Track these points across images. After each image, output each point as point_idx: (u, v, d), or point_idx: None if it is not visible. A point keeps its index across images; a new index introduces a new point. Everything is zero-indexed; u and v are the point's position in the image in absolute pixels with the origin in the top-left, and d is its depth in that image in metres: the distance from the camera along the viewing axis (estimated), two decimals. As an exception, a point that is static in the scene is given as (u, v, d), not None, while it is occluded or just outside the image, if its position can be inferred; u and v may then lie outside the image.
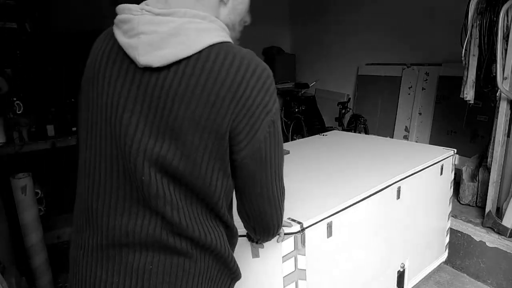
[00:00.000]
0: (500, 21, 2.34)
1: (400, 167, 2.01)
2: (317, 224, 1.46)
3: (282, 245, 1.36)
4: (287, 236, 1.36)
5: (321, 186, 1.80)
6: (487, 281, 2.55)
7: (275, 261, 1.38)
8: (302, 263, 1.41)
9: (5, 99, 3.10)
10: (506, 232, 2.44)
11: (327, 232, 1.51)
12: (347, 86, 5.25)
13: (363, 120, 4.39)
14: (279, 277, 1.40)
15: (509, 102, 2.46)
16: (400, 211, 1.97)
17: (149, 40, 0.72)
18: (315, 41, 5.86)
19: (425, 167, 2.07)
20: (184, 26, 0.72)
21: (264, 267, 1.40)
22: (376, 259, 1.89)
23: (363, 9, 4.84)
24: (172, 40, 0.72)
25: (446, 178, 2.33)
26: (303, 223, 1.38)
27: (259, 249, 1.36)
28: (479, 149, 3.15)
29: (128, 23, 0.75)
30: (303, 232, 1.38)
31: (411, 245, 2.14)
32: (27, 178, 2.38)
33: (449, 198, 2.41)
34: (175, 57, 0.72)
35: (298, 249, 1.39)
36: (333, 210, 1.53)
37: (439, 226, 2.40)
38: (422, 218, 2.19)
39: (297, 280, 1.42)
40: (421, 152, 2.34)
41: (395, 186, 1.88)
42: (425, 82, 4.07)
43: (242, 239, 1.31)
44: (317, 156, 2.36)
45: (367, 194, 1.70)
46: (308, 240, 1.41)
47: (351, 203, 1.62)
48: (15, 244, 2.70)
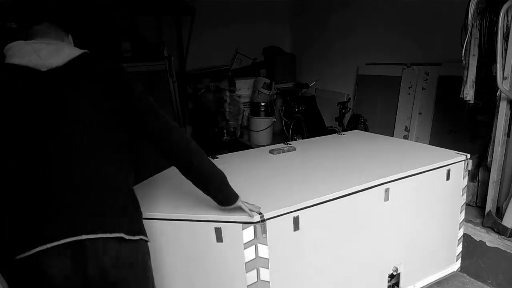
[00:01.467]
0: (500, 21, 2.34)
1: (393, 168, 1.96)
2: (281, 217, 1.54)
3: (243, 232, 1.47)
4: (247, 225, 1.46)
5: (298, 181, 1.88)
6: (487, 281, 2.55)
7: (237, 247, 1.50)
8: (264, 252, 1.51)
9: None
10: (506, 232, 2.44)
11: (293, 226, 1.58)
12: (347, 86, 5.25)
13: (363, 120, 4.39)
14: (241, 263, 1.51)
15: (509, 102, 2.46)
16: (389, 213, 1.93)
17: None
18: (315, 41, 5.85)
19: (423, 170, 2.00)
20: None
21: (228, 252, 1.52)
22: (358, 258, 1.87)
23: (363, 8, 4.84)
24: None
25: (456, 184, 2.20)
26: (264, 214, 1.49)
27: (222, 235, 1.50)
28: (479, 149, 3.15)
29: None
30: (264, 222, 1.48)
31: (406, 249, 2.07)
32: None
33: (460, 206, 2.27)
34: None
35: (258, 238, 1.49)
36: (301, 205, 1.59)
37: (447, 233, 2.27)
38: (421, 224, 2.11)
39: (259, 267, 1.51)
40: (425, 155, 2.27)
41: (382, 187, 1.85)
42: (425, 82, 4.06)
43: (207, 224, 1.50)
44: (316, 154, 2.38)
45: (343, 193, 1.72)
46: (271, 231, 1.51)
47: (323, 200, 1.65)
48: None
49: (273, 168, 2.13)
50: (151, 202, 1.65)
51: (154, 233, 1.51)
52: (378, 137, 2.86)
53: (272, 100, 5.50)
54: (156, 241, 1.53)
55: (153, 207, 1.61)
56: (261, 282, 1.53)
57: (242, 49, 6.01)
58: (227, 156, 2.39)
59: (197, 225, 1.53)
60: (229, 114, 5.31)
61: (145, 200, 1.62)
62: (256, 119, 5.43)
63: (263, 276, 1.53)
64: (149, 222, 1.47)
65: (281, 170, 2.10)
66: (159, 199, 1.71)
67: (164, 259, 1.60)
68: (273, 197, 1.69)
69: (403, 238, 2.04)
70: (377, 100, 4.70)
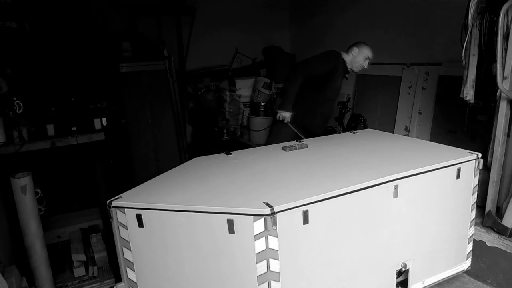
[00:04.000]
0: (500, 21, 2.34)
1: (403, 166, 1.99)
2: (291, 210, 1.59)
3: (254, 225, 1.53)
4: (258, 217, 1.52)
5: (308, 177, 1.92)
6: (487, 280, 2.55)
7: (248, 238, 1.55)
8: (274, 244, 1.56)
9: (5, 99, 3.11)
10: (506, 232, 2.44)
11: (303, 219, 1.62)
12: (347, 85, 5.24)
13: (363, 120, 4.39)
14: (252, 253, 1.56)
15: (509, 102, 2.46)
16: (398, 209, 1.95)
17: None
18: (315, 41, 5.85)
19: (432, 168, 2.01)
20: None
21: (239, 243, 1.58)
22: (367, 253, 1.89)
23: (363, 8, 4.84)
24: None
25: (466, 183, 2.19)
26: (274, 208, 1.53)
27: (234, 226, 1.56)
28: (479, 149, 3.14)
29: None
30: (274, 215, 1.53)
31: (415, 246, 2.09)
32: (27, 177, 2.38)
33: (471, 205, 2.26)
34: None
35: (268, 230, 1.54)
36: (310, 199, 1.63)
37: (457, 232, 2.26)
38: (431, 221, 2.11)
39: (269, 258, 1.56)
40: (436, 153, 2.27)
41: (391, 184, 1.86)
42: (425, 82, 4.06)
43: (219, 216, 1.56)
44: (327, 151, 2.41)
45: (351, 189, 1.74)
46: (281, 224, 1.55)
47: (331, 195, 1.69)
48: (15, 244, 2.70)
49: (285, 164, 2.18)
50: (165, 195, 1.74)
51: (168, 224, 1.63)
52: (391, 136, 2.88)
53: (272, 99, 5.50)
54: (171, 231, 1.63)
55: (167, 199, 1.69)
56: (270, 273, 1.58)
57: (242, 49, 6.01)
58: (241, 152, 2.46)
59: (210, 217, 1.59)
60: (229, 113, 5.31)
61: (159, 192, 1.78)
62: (256, 118, 5.43)
63: (273, 267, 1.58)
64: (164, 213, 1.61)
65: (292, 166, 2.14)
66: (173, 191, 1.79)
67: (179, 249, 1.68)
68: (283, 191, 1.73)
69: (412, 234, 2.06)
70: (377, 100, 4.70)
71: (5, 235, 2.66)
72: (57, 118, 3.44)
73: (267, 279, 1.58)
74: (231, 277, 1.64)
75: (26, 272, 2.47)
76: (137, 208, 1.68)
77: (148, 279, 1.77)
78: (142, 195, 1.79)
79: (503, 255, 2.43)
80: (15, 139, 3.14)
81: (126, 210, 1.69)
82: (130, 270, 1.79)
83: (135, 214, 1.68)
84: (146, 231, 1.69)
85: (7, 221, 2.73)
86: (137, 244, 1.73)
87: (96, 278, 2.80)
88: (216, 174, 2.03)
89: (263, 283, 1.58)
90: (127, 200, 1.74)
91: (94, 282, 2.76)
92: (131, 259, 1.77)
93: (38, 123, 3.33)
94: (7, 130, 3.09)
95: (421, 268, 2.14)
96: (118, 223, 1.74)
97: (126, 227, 1.72)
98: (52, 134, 3.33)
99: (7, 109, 3.12)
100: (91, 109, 3.67)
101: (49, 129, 3.34)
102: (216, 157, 2.35)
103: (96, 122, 3.50)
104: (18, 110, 3.15)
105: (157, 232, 1.69)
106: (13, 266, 2.30)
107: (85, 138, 3.39)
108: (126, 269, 1.80)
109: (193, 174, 2.07)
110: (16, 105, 3.14)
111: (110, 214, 1.74)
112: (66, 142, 3.32)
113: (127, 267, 1.80)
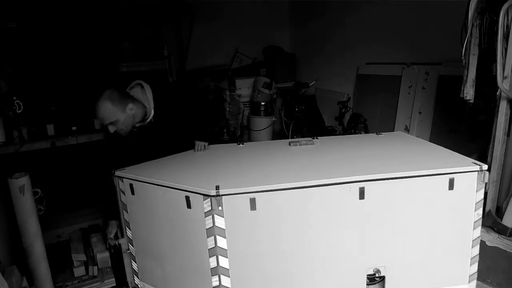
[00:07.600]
0: (500, 21, 2.34)
1: (379, 168, 1.91)
2: (239, 195, 1.77)
3: (204, 203, 1.77)
4: (206, 197, 1.75)
5: (278, 169, 2.07)
6: (487, 280, 2.55)
7: (200, 214, 1.81)
8: (220, 223, 1.78)
9: (5, 98, 3.11)
10: (506, 232, 2.44)
11: (250, 205, 1.79)
12: (347, 85, 5.25)
13: (363, 120, 4.39)
14: (203, 229, 1.81)
15: (509, 102, 2.46)
16: (367, 212, 1.86)
17: None
18: (315, 40, 5.85)
19: (413, 175, 1.84)
20: None
21: (195, 218, 1.84)
22: (327, 249, 1.88)
23: (363, 8, 4.84)
24: None
25: (464, 196, 1.91)
26: (220, 191, 1.74)
27: (191, 202, 1.82)
28: (479, 149, 3.15)
29: None
30: (220, 197, 1.74)
31: (393, 254, 1.95)
32: (24, 177, 2.36)
33: (473, 222, 1.95)
34: None
35: (214, 209, 1.76)
36: (257, 188, 1.78)
37: (455, 250, 1.99)
38: (415, 231, 1.94)
39: (216, 234, 1.79)
40: (428, 158, 2.12)
41: (355, 185, 1.81)
42: (425, 82, 4.06)
43: (180, 192, 1.83)
44: (325, 149, 2.43)
45: (304, 184, 1.79)
46: (227, 205, 1.76)
47: (280, 187, 1.79)
48: (15, 244, 2.70)
49: (269, 158, 2.33)
50: (153, 172, 2.09)
51: (150, 194, 1.99)
52: (414, 140, 2.71)
53: (272, 99, 5.50)
54: (150, 201, 2.01)
55: (152, 174, 2.02)
56: (219, 248, 1.81)
57: (242, 49, 6.01)
58: (248, 144, 2.75)
59: (175, 193, 1.87)
60: (229, 113, 5.32)
61: (152, 169, 2.15)
62: (256, 118, 5.44)
63: (220, 243, 1.81)
64: (146, 185, 1.98)
65: (275, 158, 2.30)
66: (160, 171, 2.12)
67: (155, 216, 2.02)
68: (239, 179, 1.93)
69: (387, 240, 1.93)
70: (377, 99, 4.70)
71: (5, 235, 2.66)
72: (57, 118, 3.45)
73: (216, 253, 1.81)
74: (189, 246, 1.93)
75: (26, 272, 2.47)
76: (131, 179, 2.06)
77: (139, 237, 2.17)
78: (138, 169, 2.16)
79: (503, 254, 2.43)
80: (15, 139, 3.14)
81: (124, 180, 2.10)
82: (127, 229, 2.20)
83: (129, 184, 2.07)
84: (136, 198, 2.09)
85: (7, 221, 2.73)
86: (131, 207, 2.14)
87: (96, 278, 2.79)
88: (202, 160, 2.34)
89: (212, 256, 1.83)
90: (127, 172, 2.12)
91: (94, 282, 2.76)
92: (128, 219, 2.18)
93: (38, 123, 3.33)
94: (7, 130, 3.09)
95: (403, 279, 1.98)
96: (119, 189, 2.16)
97: (124, 193, 2.13)
98: (52, 134, 3.33)
99: (7, 109, 3.12)
100: (91, 109, 3.67)
101: (49, 129, 3.34)
102: (216, 147, 2.63)
103: (96, 122, 3.50)
104: (18, 110, 3.15)
105: (142, 200, 2.07)
106: (13, 266, 2.30)
107: (85, 138, 3.39)
108: (125, 227, 2.22)
109: (185, 159, 2.38)
110: (16, 105, 3.14)
111: (114, 181, 2.16)
112: (66, 142, 3.32)
113: (126, 226, 2.21)
